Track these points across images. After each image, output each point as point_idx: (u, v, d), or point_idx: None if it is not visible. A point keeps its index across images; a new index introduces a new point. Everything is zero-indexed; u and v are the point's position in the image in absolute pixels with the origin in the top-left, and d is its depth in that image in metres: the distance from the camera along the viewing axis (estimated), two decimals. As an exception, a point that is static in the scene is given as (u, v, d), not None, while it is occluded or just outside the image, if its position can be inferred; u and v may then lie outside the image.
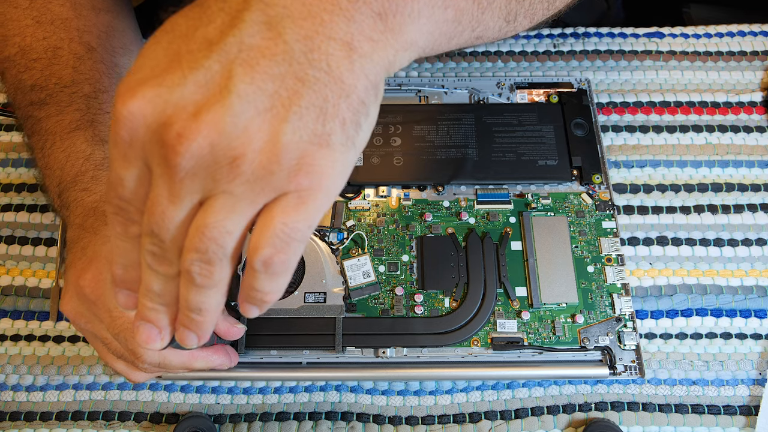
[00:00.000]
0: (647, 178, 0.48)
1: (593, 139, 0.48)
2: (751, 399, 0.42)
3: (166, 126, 0.22)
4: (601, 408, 0.41)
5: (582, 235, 0.45)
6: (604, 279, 0.43)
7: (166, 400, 0.42)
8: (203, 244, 0.23)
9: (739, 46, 0.54)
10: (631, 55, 0.53)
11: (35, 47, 0.41)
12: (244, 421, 0.41)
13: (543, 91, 0.51)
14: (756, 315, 0.44)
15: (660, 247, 0.46)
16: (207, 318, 0.26)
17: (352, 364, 0.41)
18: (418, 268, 0.44)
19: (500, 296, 0.43)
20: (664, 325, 0.44)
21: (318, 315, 0.42)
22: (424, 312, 0.42)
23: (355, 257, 0.44)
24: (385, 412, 0.41)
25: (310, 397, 0.42)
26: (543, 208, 0.46)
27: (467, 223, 0.45)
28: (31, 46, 0.41)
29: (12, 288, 0.45)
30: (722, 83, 0.52)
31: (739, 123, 0.50)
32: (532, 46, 0.54)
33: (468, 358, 0.41)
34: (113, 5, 0.46)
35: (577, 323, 0.42)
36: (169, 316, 0.27)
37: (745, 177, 0.48)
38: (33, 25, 0.42)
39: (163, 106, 0.22)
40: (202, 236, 0.23)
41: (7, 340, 0.44)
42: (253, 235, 0.24)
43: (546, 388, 0.42)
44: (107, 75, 0.42)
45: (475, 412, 0.41)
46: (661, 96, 0.51)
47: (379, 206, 0.46)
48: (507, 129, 0.48)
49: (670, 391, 0.42)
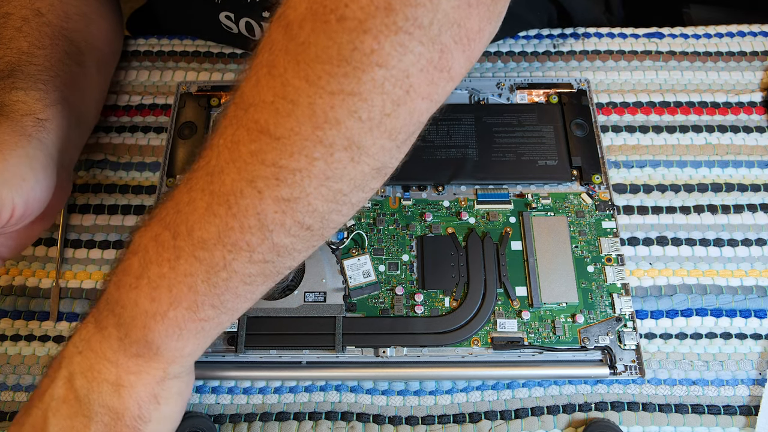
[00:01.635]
0: (647, 178, 0.48)
1: (593, 139, 0.48)
2: (751, 399, 0.42)
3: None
4: (601, 408, 0.41)
5: (582, 235, 0.45)
6: (604, 279, 0.43)
7: (166, 400, 0.42)
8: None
9: (739, 47, 0.54)
10: (631, 55, 0.53)
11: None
12: (244, 421, 0.41)
13: (543, 91, 0.51)
14: (756, 315, 0.44)
15: (660, 247, 0.46)
16: None
17: (352, 364, 0.41)
18: (418, 268, 0.44)
19: (500, 296, 0.43)
20: (664, 325, 0.44)
21: (318, 314, 0.42)
22: (424, 312, 0.42)
23: (355, 257, 0.44)
24: (385, 412, 0.41)
25: (310, 397, 0.42)
26: (543, 208, 0.46)
27: (467, 223, 0.45)
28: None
29: (12, 288, 0.45)
30: (722, 83, 0.52)
31: (739, 123, 0.50)
32: (532, 47, 0.54)
33: (468, 357, 0.41)
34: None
35: (577, 323, 0.42)
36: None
37: (745, 177, 0.48)
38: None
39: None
40: None
41: (7, 340, 0.44)
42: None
43: (546, 388, 0.42)
44: (50, 36, 0.43)
45: (475, 412, 0.41)
46: (661, 96, 0.51)
47: (379, 206, 0.46)
48: (507, 129, 0.48)
49: (670, 391, 0.42)
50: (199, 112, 0.50)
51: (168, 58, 0.54)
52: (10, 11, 0.43)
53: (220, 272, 0.30)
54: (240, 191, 0.29)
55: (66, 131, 0.41)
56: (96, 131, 0.51)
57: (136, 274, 0.31)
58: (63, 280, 0.46)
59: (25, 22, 0.43)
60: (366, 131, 0.28)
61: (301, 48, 0.26)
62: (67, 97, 0.42)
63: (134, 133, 0.51)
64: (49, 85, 0.41)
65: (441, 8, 0.26)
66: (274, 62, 0.27)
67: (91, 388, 0.32)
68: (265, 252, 0.30)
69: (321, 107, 0.27)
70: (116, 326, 0.32)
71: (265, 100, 0.28)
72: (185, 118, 0.50)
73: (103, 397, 0.32)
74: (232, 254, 0.30)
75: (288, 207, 0.29)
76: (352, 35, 0.25)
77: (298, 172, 0.28)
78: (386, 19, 0.25)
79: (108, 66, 0.50)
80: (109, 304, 0.32)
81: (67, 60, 0.44)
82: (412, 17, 0.25)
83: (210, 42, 0.55)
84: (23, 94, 0.40)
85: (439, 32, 0.26)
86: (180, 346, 0.32)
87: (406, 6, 0.25)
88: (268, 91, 0.27)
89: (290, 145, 0.27)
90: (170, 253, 0.30)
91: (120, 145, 0.50)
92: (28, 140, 0.38)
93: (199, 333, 0.32)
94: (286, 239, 0.30)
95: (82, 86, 0.45)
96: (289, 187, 0.28)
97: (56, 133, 0.40)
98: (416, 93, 0.28)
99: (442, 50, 0.27)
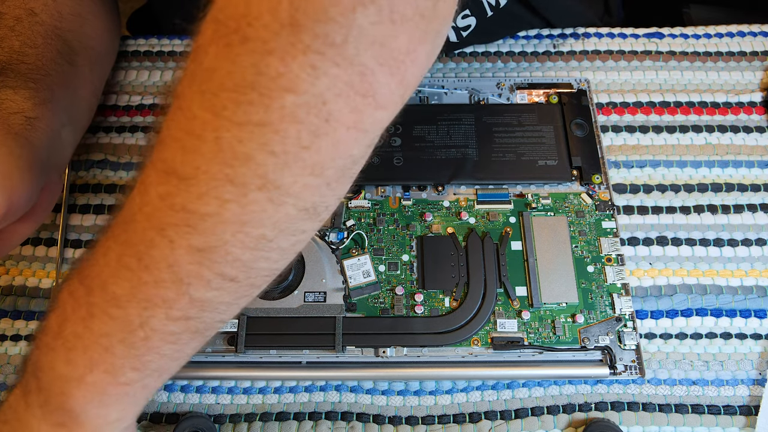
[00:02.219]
0: (647, 178, 0.48)
1: (593, 139, 0.48)
2: (751, 399, 0.42)
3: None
4: (601, 408, 0.41)
5: (582, 235, 0.45)
6: (604, 279, 0.43)
7: (166, 400, 0.42)
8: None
9: (739, 47, 0.54)
10: (631, 55, 0.53)
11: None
12: (244, 421, 0.41)
13: (543, 91, 0.51)
14: (756, 315, 0.44)
15: (660, 247, 0.46)
16: None
17: (352, 364, 0.41)
18: (418, 268, 0.44)
19: (500, 296, 0.43)
20: (664, 325, 0.44)
21: (318, 314, 0.42)
22: (424, 312, 0.42)
23: (355, 257, 0.44)
24: (385, 412, 0.41)
25: (310, 397, 0.42)
26: (543, 208, 0.46)
27: (467, 223, 0.45)
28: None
29: (12, 288, 0.45)
30: (722, 83, 0.52)
31: (739, 123, 0.50)
32: (532, 47, 0.54)
33: (468, 357, 0.41)
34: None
35: (577, 323, 0.42)
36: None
37: (745, 177, 0.48)
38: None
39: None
40: None
41: (7, 340, 0.44)
42: None
43: (546, 388, 0.42)
44: (43, 35, 0.43)
45: (475, 412, 0.41)
46: (661, 96, 0.51)
47: (379, 206, 0.46)
48: (507, 129, 0.48)
49: (670, 391, 0.42)
50: (199, 112, 0.50)
51: (168, 58, 0.54)
52: (3, 11, 0.43)
53: (136, 331, 0.27)
54: (150, 241, 0.26)
55: (57, 130, 0.41)
56: (96, 131, 0.51)
57: (53, 334, 0.28)
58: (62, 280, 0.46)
59: (17, 22, 0.43)
60: (282, 167, 0.24)
61: (206, 75, 0.24)
62: (59, 97, 0.42)
63: (134, 133, 0.51)
64: (40, 84, 0.41)
65: (356, 24, 0.22)
66: (182, 93, 0.25)
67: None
68: (186, 308, 0.27)
69: (228, 141, 0.24)
70: (37, 392, 0.29)
71: (173, 136, 0.25)
72: (185, 118, 0.49)
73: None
74: (148, 311, 0.27)
75: (204, 257, 0.26)
76: (256, 57, 0.23)
77: (209, 217, 0.25)
78: (292, 37, 0.22)
79: (102, 66, 0.50)
80: (31, 367, 0.29)
81: (59, 59, 0.43)
82: (323, 34, 0.22)
83: (210, 42, 0.55)
84: (12, 92, 0.39)
85: (356, 52, 0.23)
86: (103, 414, 0.29)
87: (315, 22, 0.22)
88: (176, 126, 0.25)
89: (198, 186, 0.24)
90: (84, 311, 0.27)
91: (120, 145, 0.50)
92: (14, 139, 0.37)
93: (123, 398, 0.29)
94: (207, 293, 0.27)
95: (75, 85, 0.44)
96: (201, 234, 0.25)
97: (46, 132, 0.40)
98: (338, 122, 0.24)
99: (363, 72, 0.24)
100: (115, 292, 0.27)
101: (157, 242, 0.26)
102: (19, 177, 0.37)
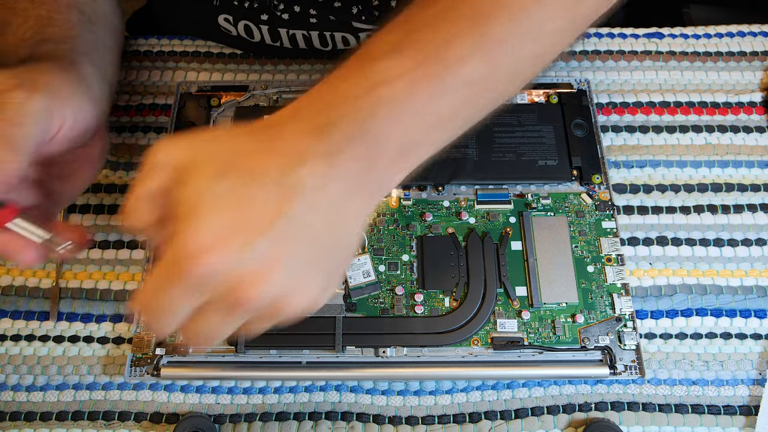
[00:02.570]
0: (647, 178, 0.48)
1: (593, 139, 0.48)
2: (751, 399, 0.42)
3: (239, 283, 0.27)
4: (601, 408, 0.41)
5: (582, 235, 0.45)
6: (604, 279, 0.43)
7: (166, 400, 0.42)
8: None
9: (739, 47, 0.54)
10: (631, 56, 0.53)
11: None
12: (244, 421, 0.41)
13: (543, 91, 0.51)
14: (756, 315, 0.44)
15: (660, 247, 0.46)
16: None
17: (352, 364, 0.41)
18: (418, 268, 0.44)
19: (500, 296, 0.43)
20: (664, 325, 0.44)
21: (318, 314, 0.42)
22: (424, 312, 0.42)
23: (355, 257, 0.44)
24: (385, 412, 0.41)
25: (310, 397, 0.42)
26: (543, 208, 0.46)
27: (467, 223, 0.45)
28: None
29: (12, 288, 0.45)
30: (722, 83, 0.52)
31: (739, 123, 0.50)
32: (532, 47, 0.54)
33: (468, 357, 0.41)
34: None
35: (577, 323, 0.42)
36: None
37: (745, 177, 0.48)
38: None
39: (236, 265, 0.27)
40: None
41: (7, 340, 0.44)
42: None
43: (546, 388, 0.42)
44: (65, 5, 0.44)
45: (475, 412, 0.41)
46: (661, 96, 0.51)
47: (379, 206, 0.46)
48: (507, 129, 0.48)
49: (670, 391, 0.42)
50: (199, 112, 0.50)
51: (168, 58, 0.54)
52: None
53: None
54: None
55: (99, 82, 0.42)
56: (96, 131, 0.51)
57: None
58: (63, 280, 0.46)
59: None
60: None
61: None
62: (92, 55, 0.43)
63: (134, 133, 0.51)
64: (72, 43, 0.42)
65: None
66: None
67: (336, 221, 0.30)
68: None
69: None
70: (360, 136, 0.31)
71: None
72: (185, 118, 0.50)
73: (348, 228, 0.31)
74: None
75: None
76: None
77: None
78: None
79: (118, 38, 0.50)
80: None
81: (81, 27, 0.44)
82: None
83: (210, 42, 0.55)
84: (54, 47, 0.41)
85: None
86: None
87: None
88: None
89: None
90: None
91: (120, 145, 0.50)
92: (73, 65, 0.39)
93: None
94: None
95: (101, 50, 0.45)
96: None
97: (93, 75, 0.41)
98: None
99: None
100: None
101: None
102: (82, 97, 0.38)
